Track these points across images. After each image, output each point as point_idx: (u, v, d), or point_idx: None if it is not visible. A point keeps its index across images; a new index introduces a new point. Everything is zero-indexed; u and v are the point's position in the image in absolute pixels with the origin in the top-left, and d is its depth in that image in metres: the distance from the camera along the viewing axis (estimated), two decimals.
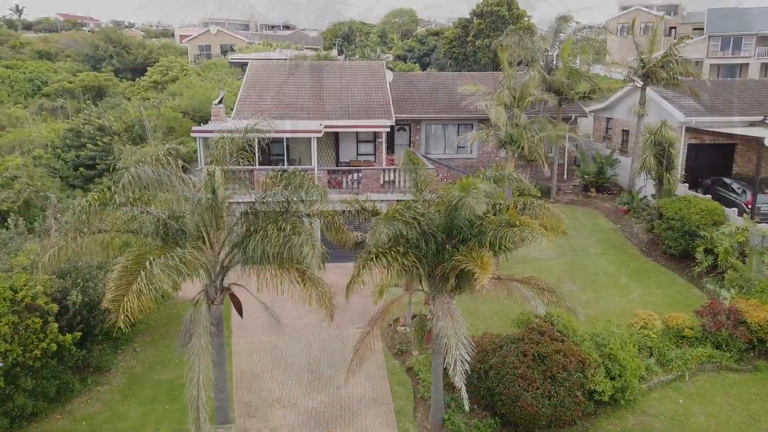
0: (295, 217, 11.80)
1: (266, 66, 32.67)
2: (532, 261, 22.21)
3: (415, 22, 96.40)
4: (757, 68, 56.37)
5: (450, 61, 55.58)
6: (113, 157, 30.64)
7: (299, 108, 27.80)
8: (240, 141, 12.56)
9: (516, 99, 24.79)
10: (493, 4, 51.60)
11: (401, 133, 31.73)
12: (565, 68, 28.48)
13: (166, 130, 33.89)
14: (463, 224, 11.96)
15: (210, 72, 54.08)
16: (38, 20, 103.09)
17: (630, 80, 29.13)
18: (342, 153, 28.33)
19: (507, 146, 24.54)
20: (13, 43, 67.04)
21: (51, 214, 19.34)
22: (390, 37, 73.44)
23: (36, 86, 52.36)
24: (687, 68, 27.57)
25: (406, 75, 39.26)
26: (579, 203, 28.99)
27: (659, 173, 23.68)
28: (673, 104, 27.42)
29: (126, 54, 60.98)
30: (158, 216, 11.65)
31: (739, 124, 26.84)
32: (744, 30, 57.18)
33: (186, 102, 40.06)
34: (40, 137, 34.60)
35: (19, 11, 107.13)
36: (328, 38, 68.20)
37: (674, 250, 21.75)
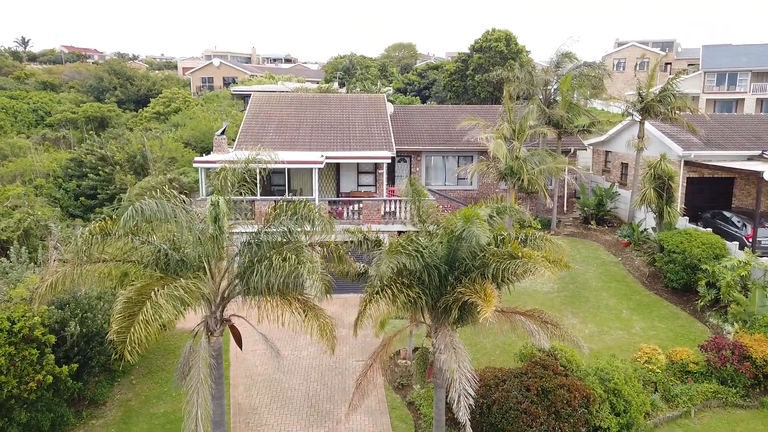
0: (298, 247, 11.75)
1: (268, 98, 33.04)
2: (533, 294, 22.09)
3: (415, 56, 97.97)
4: (753, 103, 57.08)
5: (449, 94, 56.27)
6: (114, 186, 30.75)
7: (301, 139, 28.03)
8: (242, 171, 12.59)
9: (515, 132, 25.03)
10: (492, 40, 52.51)
11: (402, 165, 31.92)
12: (564, 102, 28.82)
13: (168, 161, 34.06)
14: (466, 255, 11.91)
15: (212, 103, 54.68)
16: (43, 52, 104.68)
17: (628, 114, 29.46)
18: (343, 184, 28.43)
19: (507, 178, 24.66)
20: (18, 74, 67.95)
21: (51, 243, 19.27)
22: (390, 71, 74.49)
23: (39, 116, 52.85)
24: (684, 103, 27.91)
25: (407, 107, 39.71)
26: (579, 235, 28.97)
27: (659, 206, 23.74)
28: (671, 138, 27.68)
29: (129, 85, 61.72)
30: (159, 246, 11.60)
31: (737, 158, 27.04)
32: (738, 66, 58.12)
33: (188, 133, 40.40)
34: (42, 167, 34.77)
35: (25, 43, 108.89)
36: (330, 71, 69.24)
37: (676, 283, 21.65)
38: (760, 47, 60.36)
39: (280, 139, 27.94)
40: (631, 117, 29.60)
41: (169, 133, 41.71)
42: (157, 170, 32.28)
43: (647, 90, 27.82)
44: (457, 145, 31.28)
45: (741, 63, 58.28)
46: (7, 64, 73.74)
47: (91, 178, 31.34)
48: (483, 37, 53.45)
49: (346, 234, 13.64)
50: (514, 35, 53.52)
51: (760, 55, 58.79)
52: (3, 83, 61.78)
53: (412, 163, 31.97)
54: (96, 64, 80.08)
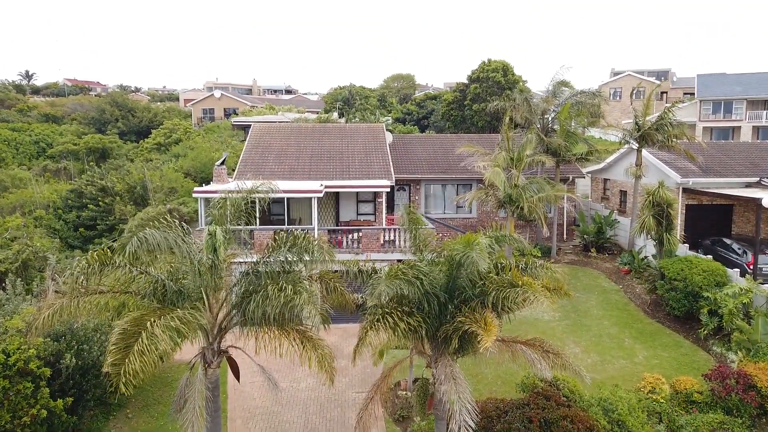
0: (296, 277, 11.69)
1: (268, 128, 33.32)
2: (534, 322, 21.89)
3: (413, 86, 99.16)
4: (749, 131, 57.51)
5: (448, 123, 56.74)
6: (114, 217, 30.78)
7: (300, 169, 28.16)
8: (241, 201, 12.62)
9: (514, 160, 25.16)
10: (489, 70, 53.18)
11: (401, 193, 32.01)
12: (561, 130, 29.05)
13: (168, 191, 34.17)
14: (466, 283, 11.83)
15: (213, 134, 55.14)
16: (46, 85, 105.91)
17: (626, 142, 29.66)
18: (342, 213, 28.46)
19: (506, 206, 24.68)
20: (21, 106, 68.65)
21: (49, 274, 19.19)
22: (389, 101, 75.28)
23: (41, 148, 53.21)
24: (681, 131, 28.13)
25: (406, 136, 40.00)
26: (580, 263, 28.87)
27: (659, 233, 23.71)
28: (669, 166, 27.80)
29: (131, 117, 62.28)
30: (157, 277, 11.54)
31: (735, 186, 27.12)
32: (733, 95, 58.79)
33: (189, 163, 40.64)
34: (42, 198, 34.87)
35: (29, 76, 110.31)
36: (329, 102, 69.98)
37: (678, 311, 21.48)
38: (753, 76, 61.17)
39: (279, 168, 28.09)
40: (628, 145, 29.79)
41: (170, 164, 41.95)
42: (156, 200, 32.35)
43: (644, 118, 28.07)
44: (456, 173, 31.43)
45: (735, 92, 58.98)
46: (10, 97, 74.53)
47: (91, 209, 31.39)
48: (480, 68, 54.14)
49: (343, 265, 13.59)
50: (510, 65, 54.22)
51: (754, 84, 59.55)
52: (6, 116, 62.38)
53: (411, 192, 32.07)
54: (99, 97, 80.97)
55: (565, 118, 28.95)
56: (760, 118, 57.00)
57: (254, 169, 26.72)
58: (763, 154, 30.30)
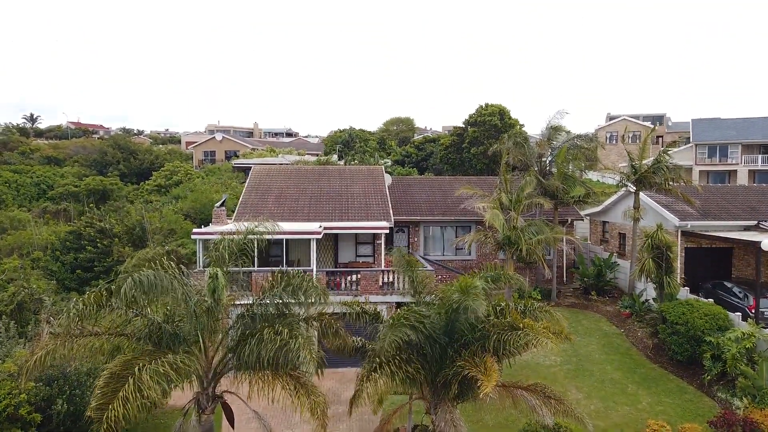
0: (292, 320, 11.55)
1: (268, 170, 33.58)
2: (535, 367, 21.54)
3: (412, 129, 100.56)
4: (745, 174, 58.03)
5: (446, 166, 57.30)
6: (112, 259, 30.67)
7: (299, 210, 28.23)
8: (239, 243, 12.59)
9: (512, 202, 25.26)
10: (486, 114, 54.05)
11: (400, 235, 32.00)
12: (559, 173, 29.28)
13: (166, 233, 34.16)
14: (465, 327, 11.70)
15: (213, 176, 55.54)
16: (50, 128, 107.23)
17: (623, 185, 29.85)
18: (341, 254, 28.38)
19: (505, 248, 24.63)
20: (23, 148, 69.35)
21: (44, 317, 18.98)
22: (389, 144, 76.15)
23: (42, 190, 53.49)
24: (678, 174, 28.35)
25: (405, 178, 40.30)
26: (580, 306, 28.62)
27: (659, 277, 23.59)
28: (667, 209, 27.91)
29: (133, 159, 62.85)
30: (153, 319, 11.41)
31: (733, 229, 27.15)
32: (728, 139, 59.57)
33: (188, 205, 40.77)
34: (41, 240, 34.82)
35: (33, 119, 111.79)
36: (329, 144, 70.82)
37: (681, 356, 21.17)
38: (747, 121, 62.10)
39: (278, 210, 28.15)
40: (626, 188, 29.98)
41: (170, 206, 42.10)
42: (155, 242, 32.30)
43: (640, 162, 28.34)
44: (455, 215, 31.52)
45: (730, 136, 59.80)
46: (13, 140, 75.36)
47: (89, 251, 31.30)
48: (477, 112, 55.05)
49: (344, 306, 13.45)
50: (507, 109, 55.19)
51: (748, 128, 60.42)
52: (8, 158, 62.95)
53: (410, 234, 32.07)
54: (101, 139, 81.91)
55: (562, 161, 29.24)
56: (756, 162, 57.61)
57: (253, 211, 26.78)
58: (760, 198, 30.47)
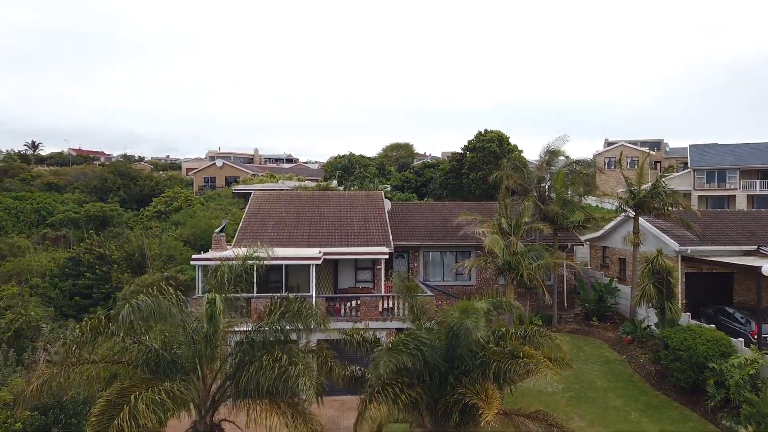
0: (291, 347, 11.46)
1: (268, 195, 33.67)
2: (537, 394, 21.28)
3: (412, 155, 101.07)
4: (744, 199, 58.17)
5: (445, 191, 57.45)
6: (110, 285, 30.56)
7: (299, 236, 28.22)
8: (239, 269, 12.56)
9: (512, 227, 25.27)
10: (485, 140, 54.40)
11: (400, 260, 31.92)
12: (558, 198, 29.35)
13: (166, 259, 34.08)
14: (465, 353, 11.61)
15: (213, 202, 55.64)
16: (51, 154, 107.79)
17: (622, 210, 29.89)
18: (341, 280, 28.28)
19: (505, 273, 24.56)
20: (24, 175, 69.61)
21: (41, 344, 18.82)
22: (388, 169, 76.47)
23: (42, 216, 53.51)
24: (676, 199, 28.42)
25: (404, 204, 40.36)
26: (582, 332, 28.41)
27: (660, 302, 23.47)
28: (666, 234, 27.90)
29: (133, 185, 63.05)
30: (150, 347, 11.31)
31: (733, 254, 27.10)
32: (725, 164, 59.88)
33: (188, 231, 40.75)
34: (40, 266, 34.72)
35: (34, 146, 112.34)
36: (329, 170, 71.12)
37: (684, 382, 20.93)
38: (744, 146, 62.49)
39: (278, 235, 28.13)
40: (625, 213, 30.02)
41: (169, 232, 42.08)
42: (154, 268, 32.22)
43: (638, 187, 28.43)
44: (455, 240, 31.48)
45: (728, 161, 60.13)
46: (15, 167, 75.69)
47: (88, 277, 31.20)
48: (476, 138, 55.40)
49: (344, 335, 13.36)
50: (506, 135, 55.53)
51: (746, 153, 60.80)
52: (9, 185, 63.16)
53: (410, 259, 32.00)
54: (102, 166, 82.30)
55: (560, 186, 29.33)
56: (754, 187, 57.81)
57: (253, 237, 26.74)
58: (759, 223, 30.50)
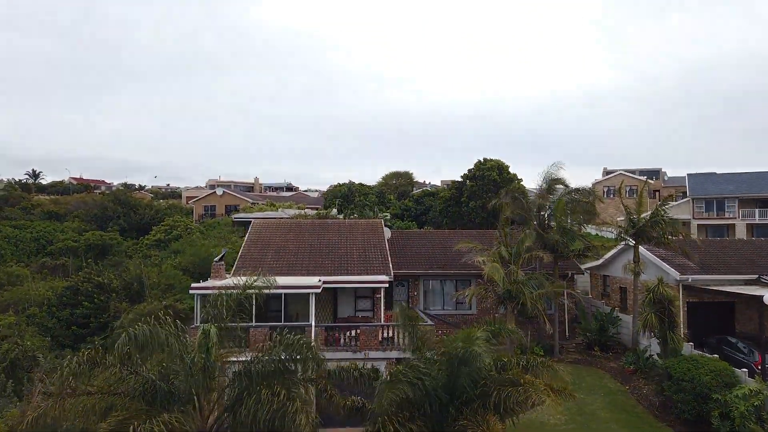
0: (290, 379, 11.32)
1: (268, 224, 33.68)
2: (539, 426, 20.95)
3: (411, 184, 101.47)
4: (744, 228, 58.16)
5: (445, 219, 57.51)
6: (108, 315, 30.36)
7: (298, 264, 28.14)
8: (237, 298, 12.50)
9: (512, 255, 25.22)
10: (485, 169, 54.70)
11: (400, 289, 31.77)
12: (558, 227, 29.36)
13: (165, 288, 33.92)
14: (466, 383, 11.48)
15: (213, 230, 55.61)
16: (52, 183, 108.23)
17: (622, 239, 29.88)
18: (340, 309, 28.12)
19: (506, 302, 24.43)
20: (25, 204, 69.77)
21: (37, 375, 18.60)
22: (388, 198, 76.69)
23: (41, 245, 53.42)
24: (675, 228, 28.42)
25: (404, 232, 40.35)
26: (584, 362, 28.10)
27: (662, 332, 23.29)
28: (667, 262, 27.84)
29: (133, 214, 63.10)
30: (147, 377, 11.19)
31: (734, 283, 27.00)
32: (724, 193, 60.05)
33: (187, 259, 40.64)
34: (38, 295, 34.55)
35: (35, 175, 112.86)
36: (329, 198, 71.33)
37: (688, 414, 20.62)
38: (743, 175, 62.77)
39: (278, 264, 28.05)
40: (625, 242, 30.00)
41: (169, 260, 41.97)
42: (153, 297, 32.04)
43: (638, 215, 28.47)
44: (455, 269, 31.36)
45: (727, 190, 60.33)
46: (15, 195, 75.90)
47: (86, 307, 31.00)
48: (476, 167, 55.71)
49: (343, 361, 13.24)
50: (506, 164, 55.84)
51: (744, 182, 61.03)
52: (9, 213, 63.23)
53: (410, 288, 31.85)
54: (102, 194, 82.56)
55: (560, 214, 29.38)
56: (753, 216, 57.88)
57: (252, 265, 26.66)
58: (759, 251, 30.46)
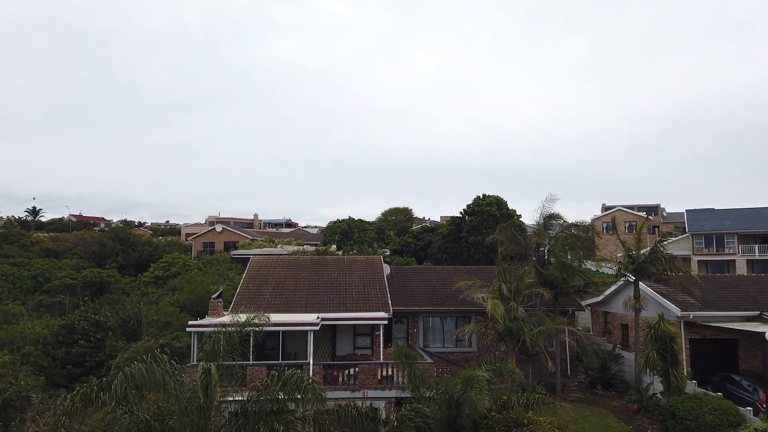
0: (287, 418, 11.12)
1: (266, 260, 33.60)
2: None
3: (411, 219, 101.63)
4: (744, 264, 58.05)
5: (445, 255, 57.40)
6: (104, 353, 29.99)
7: (297, 301, 27.98)
8: (234, 335, 12.39)
9: (512, 292, 25.08)
10: (483, 204, 54.91)
11: (399, 326, 31.46)
12: (557, 263, 29.28)
13: (162, 325, 33.60)
14: (467, 423, 11.26)
15: (212, 267, 55.41)
16: (51, 220, 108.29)
17: (622, 275, 29.77)
18: (339, 346, 27.81)
19: (506, 339, 24.17)
20: (24, 241, 69.70)
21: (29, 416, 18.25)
22: (387, 234, 76.68)
23: (38, 283, 53.13)
24: (675, 264, 28.35)
25: (403, 268, 40.18)
26: (587, 401, 27.62)
27: (665, 369, 22.99)
28: (668, 299, 27.69)
29: (132, 251, 62.95)
30: (142, 417, 10.98)
31: (736, 319, 26.81)
32: (723, 229, 60.12)
33: (185, 296, 40.38)
34: (33, 334, 34.20)
35: (35, 213, 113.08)
36: (328, 234, 71.33)
37: None
38: (741, 211, 63.01)
39: (276, 301, 27.89)
40: (625, 278, 29.87)
41: (166, 298, 41.69)
42: (149, 335, 31.69)
43: (637, 251, 28.42)
44: (455, 305, 31.13)
45: (725, 226, 60.44)
46: (14, 233, 75.87)
47: (81, 345, 30.64)
48: (475, 203, 55.94)
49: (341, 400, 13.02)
50: (504, 200, 56.09)
51: (743, 218, 61.21)
52: (8, 251, 63.10)
53: (409, 324, 31.54)
54: (101, 231, 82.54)
55: (559, 250, 29.34)
56: (753, 252, 57.84)
57: (251, 302, 26.51)
58: (760, 288, 30.33)
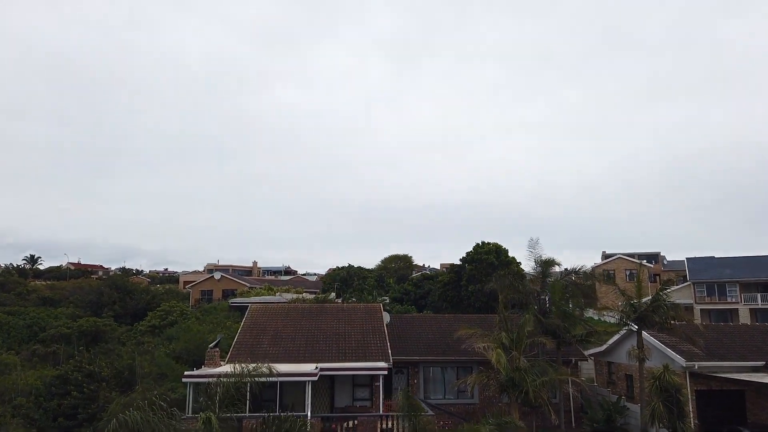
0: None
1: (265, 309, 33.29)
2: None
3: (410, 267, 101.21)
4: (747, 313, 57.48)
5: (445, 303, 56.90)
6: (97, 405, 29.31)
7: (296, 350, 27.57)
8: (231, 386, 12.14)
9: (513, 341, 24.72)
10: (482, 252, 54.83)
11: (399, 377, 30.84)
12: (558, 311, 28.97)
13: (157, 376, 32.95)
14: None
15: (210, 316, 54.80)
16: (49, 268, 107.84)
17: (624, 324, 29.38)
18: (338, 398, 27.22)
19: (509, 390, 23.66)
20: (20, 290, 69.22)
21: None
22: (387, 281, 76.22)
23: (33, 332, 52.40)
24: (677, 312, 28.03)
25: (403, 316, 39.75)
26: None
27: (672, 422, 22.43)
28: (672, 349, 27.27)
29: (129, 299, 62.40)
30: None
31: (741, 369, 26.33)
32: (724, 278, 59.78)
33: (182, 346, 39.74)
34: (26, 384, 33.52)
35: (33, 260, 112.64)
36: (327, 282, 70.92)
37: None
38: (742, 259, 62.77)
39: (274, 350, 27.45)
40: (627, 327, 29.47)
41: (162, 347, 41.03)
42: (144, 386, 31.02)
43: (639, 300, 28.14)
44: (456, 355, 30.59)
45: (726, 274, 60.13)
46: (11, 281, 75.43)
47: (74, 396, 29.93)
48: (474, 250, 55.89)
49: None
50: (504, 248, 56.04)
51: (744, 267, 60.94)
52: (4, 299, 62.55)
53: (409, 375, 30.92)
54: (99, 279, 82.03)
55: (558, 298, 29.08)
56: (756, 300, 57.38)
57: (248, 352, 26.09)
58: (764, 337, 29.88)
